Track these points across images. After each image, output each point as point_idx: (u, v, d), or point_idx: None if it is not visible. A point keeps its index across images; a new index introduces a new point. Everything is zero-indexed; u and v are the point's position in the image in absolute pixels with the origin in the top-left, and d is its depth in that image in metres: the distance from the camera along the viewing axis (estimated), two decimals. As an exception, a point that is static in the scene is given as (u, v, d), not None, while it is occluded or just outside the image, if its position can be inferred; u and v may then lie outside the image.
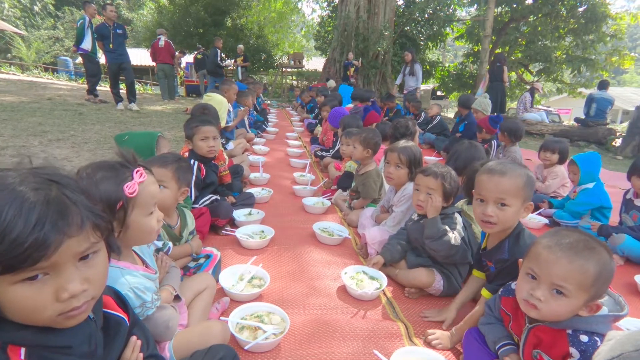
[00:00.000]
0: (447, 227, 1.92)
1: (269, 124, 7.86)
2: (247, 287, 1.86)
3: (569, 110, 24.90)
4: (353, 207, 3.06)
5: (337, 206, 3.33)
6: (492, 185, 1.52)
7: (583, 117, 10.15)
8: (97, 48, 8.74)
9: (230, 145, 4.61)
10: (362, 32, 14.94)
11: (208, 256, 1.92)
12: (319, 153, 4.73)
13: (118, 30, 8.09)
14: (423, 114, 7.34)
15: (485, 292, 1.63)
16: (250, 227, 2.58)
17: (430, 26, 16.39)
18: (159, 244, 1.66)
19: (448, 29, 17.81)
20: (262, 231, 2.57)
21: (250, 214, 2.88)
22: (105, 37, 7.97)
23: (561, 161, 3.95)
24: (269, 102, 13.44)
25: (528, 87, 18.26)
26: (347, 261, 2.34)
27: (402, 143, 2.45)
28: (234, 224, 2.71)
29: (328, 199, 3.38)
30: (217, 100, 3.73)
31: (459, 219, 1.97)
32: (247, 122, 5.91)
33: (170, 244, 1.73)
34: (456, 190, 2.00)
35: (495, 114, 5.42)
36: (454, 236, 1.89)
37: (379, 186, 2.88)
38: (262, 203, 3.32)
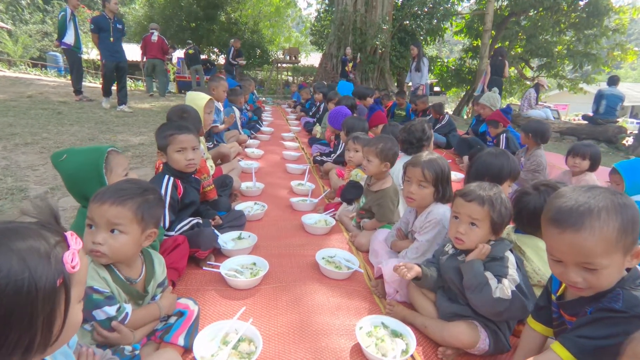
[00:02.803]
0: (489, 274, 1.46)
1: (264, 123, 7.36)
2: (231, 356, 1.39)
3: (565, 105, 24.66)
4: (363, 227, 2.59)
5: (342, 224, 2.86)
6: (567, 248, 1.04)
7: (590, 113, 9.76)
8: (81, 42, 8.22)
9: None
10: (360, 26, 14.48)
11: (181, 313, 1.44)
12: (318, 158, 4.25)
13: (118, 25, 7.44)
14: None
15: (560, 349, 1.10)
16: (239, 259, 2.10)
17: (429, 20, 15.90)
18: (111, 310, 1.19)
19: (447, 24, 17.34)
20: (254, 264, 2.09)
21: (240, 237, 2.40)
22: (104, 30, 7.25)
23: (592, 168, 3.50)
24: (263, 98, 12.92)
25: (528, 82, 18.00)
26: (360, 304, 1.88)
27: (427, 155, 1.98)
28: (219, 252, 2.24)
29: (332, 216, 2.91)
30: (190, 99, 3.16)
31: (511, 260, 1.50)
32: (239, 123, 5.41)
33: (129, 307, 1.25)
34: (508, 219, 1.54)
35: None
36: (500, 286, 1.43)
37: (397, 206, 2.42)
38: (255, 221, 2.84)
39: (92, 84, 14.64)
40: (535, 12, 16.31)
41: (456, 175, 4.64)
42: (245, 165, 4.17)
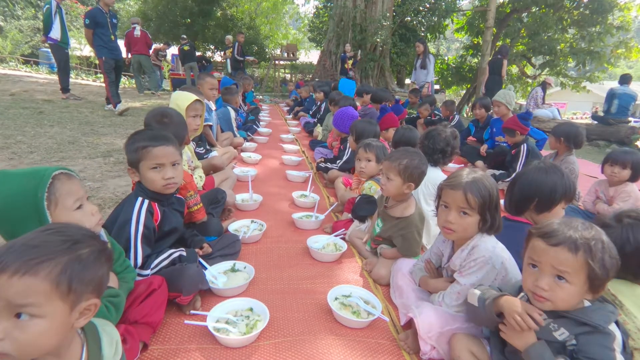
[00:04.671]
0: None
1: (261, 123, 6.92)
2: None
3: (564, 104, 24.43)
4: (380, 254, 2.17)
5: (354, 247, 2.44)
6: None
7: (588, 112, 9.43)
8: (69, 37, 7.74)
9: (214, 154, 3.69)
10: (360, 22, 14.06)
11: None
12: (322, 165, 3.82)
13: (113, 20, 6.80)
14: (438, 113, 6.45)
15: None
16: (231, 303, 1.67)
17: (430, 17, 15.48)
18: None
19: (448, 21, 16.95)
20: (251, 309, 1.66)
21: (233, 269, 1.97)
22: (101, 26, 6.59)
23: (634, 178, 3.10)
24: (260, 97, 12.46)
25: (529, 80, 17.69)
26: (388, 367, 1.46)
27: (469, 174, 1.55)
28: (208, 289, 1.81)
29: (342, 237, 2.48)
30: (173, 99, 2.66)
31: (618, 339, 1.08)
32: (234, 124, 4.98)
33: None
34: (614, 272, 1.10)
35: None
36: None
37: (422, 235, 2.00)
38: (252, 243, 2.42)
39: (85, 81, 14.13)
40: (537, 9, 16.05)
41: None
42: (241, 172, 3.75)
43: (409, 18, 14.99)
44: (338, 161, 3.74)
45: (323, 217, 2.82)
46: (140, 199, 1.63)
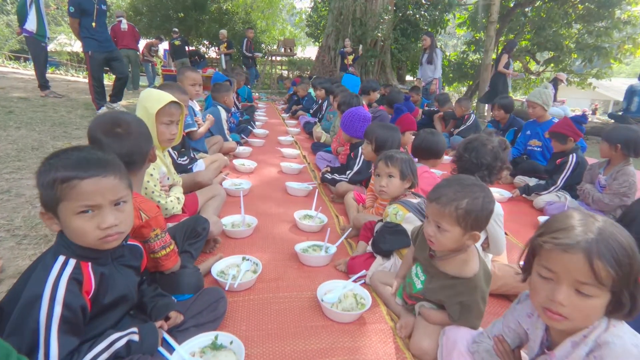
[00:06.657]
0: None
1: (257, 124, 6.30)
2: None
3: (563, 101, 24.02)
4: (419, 313, 1.57)
5: (377, 296, 1.84)
6: None
7: (586, 110, 8.91)
8: (47, 29, 7.09)
9: (201, 165, 3.08)
10: (360, 16, 13.47)
11: None
12: (329, 177, 3.22)
13: (102, 6, 5.79)
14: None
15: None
16: None
17: (432, 11, 14.89)
18: None
19: (449, 15, 16.37)
20: None
21: (215, 346, 1.36)
22: (87, 14, 5.61)
23: None
24: (257, 94, 11.82)
25: (533, 77, 17.23)
26: None
27: (587, 222, 0.95)
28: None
29: (362, 283, 1.87)
30: (141, 100, 1.98)
31: None
32: (225, 127, 4.36)
33: None
34: None
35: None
36: None
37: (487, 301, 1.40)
38: (243, 291, 1.82)
39: (75, 77, 13.42)
40: (542, 3, 15.65)
41: (501, 194, 3.67)
42: (232, 186, 3.14)
43: (410, 12, 14.35)
44: (348, 172, 3.14)
45: (335, 248, 2.22)
46: (61, 258, 1.03)
